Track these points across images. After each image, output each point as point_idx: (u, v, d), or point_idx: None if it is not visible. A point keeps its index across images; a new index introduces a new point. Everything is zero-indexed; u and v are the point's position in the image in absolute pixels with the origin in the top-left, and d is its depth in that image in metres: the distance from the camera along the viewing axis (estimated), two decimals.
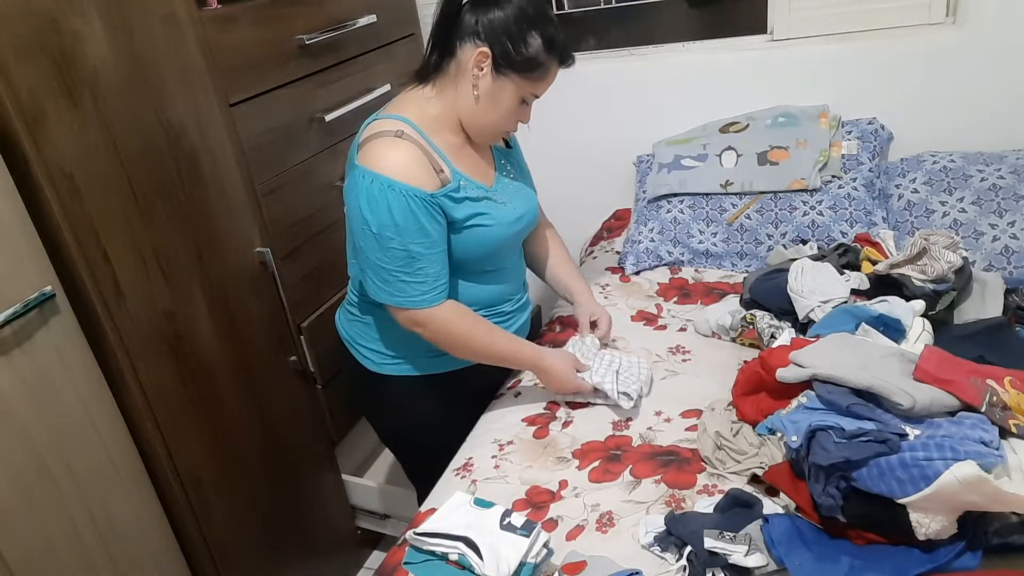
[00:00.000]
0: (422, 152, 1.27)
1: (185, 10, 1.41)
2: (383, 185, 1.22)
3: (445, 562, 1.10)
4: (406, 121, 1.29)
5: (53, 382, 1.23)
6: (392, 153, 1.24)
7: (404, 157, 1.24)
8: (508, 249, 1.44)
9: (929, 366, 1.10)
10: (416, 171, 1.24)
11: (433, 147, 1.30)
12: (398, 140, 1.25)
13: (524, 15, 1.24)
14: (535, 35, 1.25)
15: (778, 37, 2.09)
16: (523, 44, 1.24)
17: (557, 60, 1.30)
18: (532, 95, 1.33)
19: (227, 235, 1.56)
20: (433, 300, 1.29)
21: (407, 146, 1.25)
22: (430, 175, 1.26)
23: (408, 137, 1.26)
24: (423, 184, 1.24)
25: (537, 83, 1.30)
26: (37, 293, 1.18)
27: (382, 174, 1.22)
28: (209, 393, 1.54)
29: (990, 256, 1.64)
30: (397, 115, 1.30)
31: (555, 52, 1.28)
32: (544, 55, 1.27)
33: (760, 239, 1.91)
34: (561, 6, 2.31)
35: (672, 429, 1.34)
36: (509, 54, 1.24)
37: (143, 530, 1.42)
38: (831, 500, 0.99)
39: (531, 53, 1.25)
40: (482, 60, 1.25)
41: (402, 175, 1.22)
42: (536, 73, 1.28)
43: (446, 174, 1.29)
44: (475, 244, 1.34)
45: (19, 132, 1.15)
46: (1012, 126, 1.90)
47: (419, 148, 1.27)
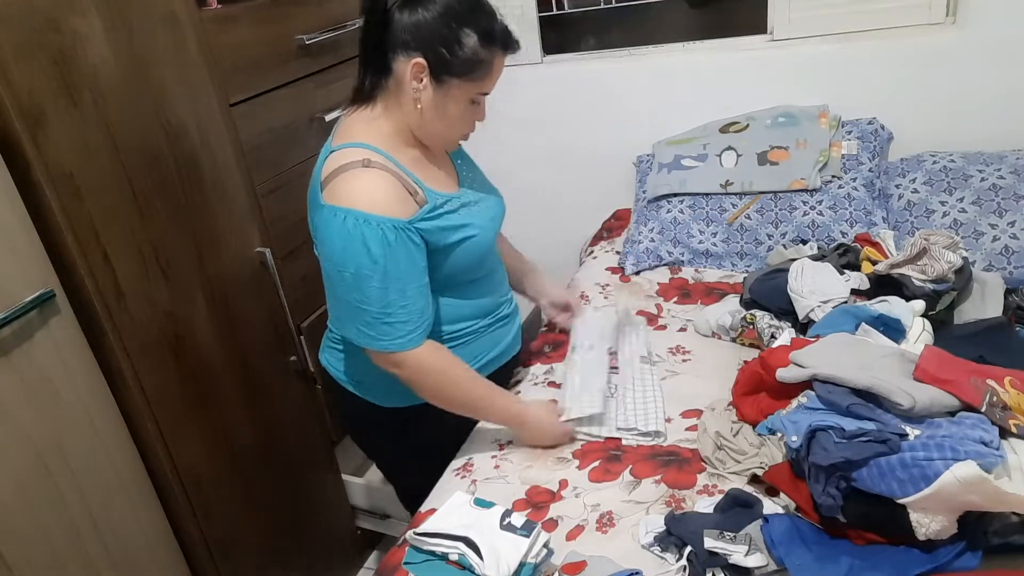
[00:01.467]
0: (393, 178, 1.19)
1: (185, 10, 1.41)
2: (357, 220, 1.13)
3: (445, 562, 1.10)
4: (368, 147, 1.20)
5: (53, 382, 1.23)
6: (362, 184, 1.16)
7: (375, 186, 1.16)
8: (493, 251, 1.40)
9: (929, 366, 1.10)
10: (390, 200, 1.16)
11: (401, 168, 1.21)
12: (366, 170, 1.17)
13: (451, 13, 1.14)
14: (468, 32, 1.15)
15: (778, 37, 2.09)
16: (458, 45, 1.15)
17: (499, 51, 1.19)
18: (480, 93, 1.23)
19: (227, 235, 1.56)
20: (416, 341, 1.21)
21: (377, 174, 1.17)
22: (405, 201, 1.19)
23: (376, 164, 1.18)
24: (399, 212, 1.17)
25: (482, 81, 1.20)
26: (37, 293, 1.18)
27: (354, 208, 1.14)
28: (209, 393, 1.54)
29: (990, 256, 1.64)
30: (356, 143, 1.21)
31: (494, 44, 1.18)
32: (483, 51, 1.16)
33: (760, 239, 1.91)
34: (561, 6, 2.31)
35: (672, 429, 1.34)
36: (445, 59, 1.15)
37: (143, 530, 1.42)
38: (831, 500, 0.99)
39: (468, 53, 1.16)
40: (419, 72, 1.16)
41: (376, 206, 1.14)
42: (479, 72, 1.18)
43: (420, 195, 1.21)
44: (465, 256, 1.28)
45: (19, 132, 1.15)
46: (1012, 126, 1.90)
47: (389, 174, 1.18)
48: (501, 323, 1.45)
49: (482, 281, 1.38)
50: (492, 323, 1.42)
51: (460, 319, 1.36)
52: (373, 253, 1.14)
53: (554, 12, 2.31)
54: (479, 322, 1.39)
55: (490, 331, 1.42)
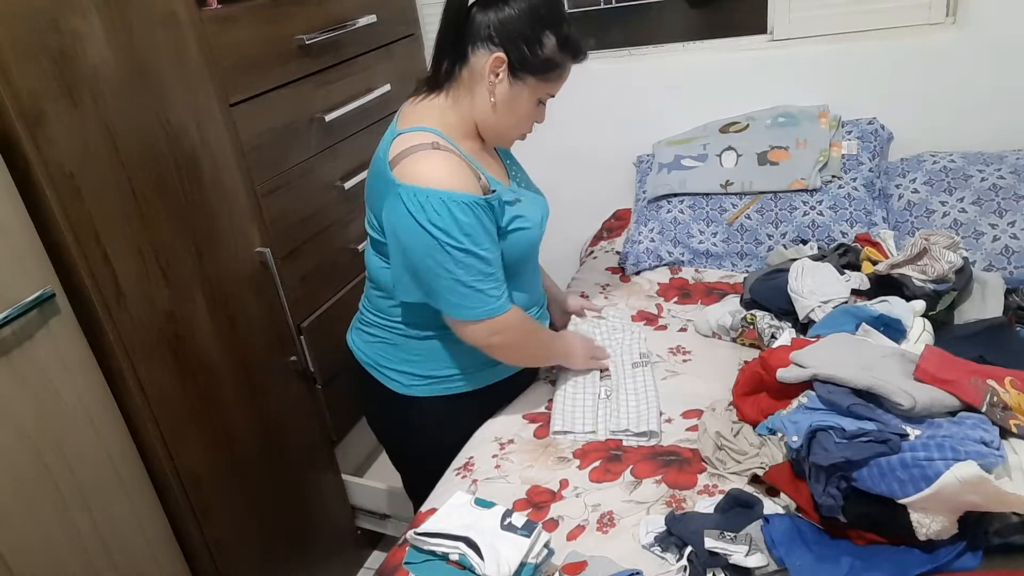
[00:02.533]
0: (464, 164, 1.23)
1: (185, 10, 1.41)
2: (441, 198, 1.17)
3: (445, 562, 1.10)
4: (434, 131, 1.25)
5: (53, 382, 1.23)
6: (436, 164, 1.20)
7: (450, 167, 1.20)
8: (536, 252, 1.44)
9: (929, 366, 1.10)
10: (466, 179, 1.21)
11: (464, 155, 1.26)
12: (436, 151, 1.21)
13: (537, 15, 1.20)
14: (549, 35, 1.21)
15: (778, 37, 2.09)
16: (539, 46, 1.21)
17: (571, 57, 1.26)
18: (548, 95, 1.30)
19: (227, 235, 1.56)
20: (508, 304, 1.28)
21: (447, 156, 1.21)
22: (474, 184, 1.23)
23: (444, 147, 1.23)
24: (475, 190, 1.21)
25: (553, 83, 1.28)
26: (37, 293, 1.18)
27: (435, 188, 1.17)
28: (209, 393, 1.54)
29: (990, 256, 1.64)
30: (422, 127, 1.26)
31: (569, 50, 1.25)
32: (559, 55, 1.23)
33: (760, 239, 1.91)
34: None
35: (673, 429, 1.34)
36: (526, 58, 1.21)
37: (143, 530, 1.42)
38: (831, 500, 0.99)
39: (547, 54, 1.22)
40: (498, 66, 1.22)
41: (455, 184, 1.18)
42: (553, 74, 1.25)
43: (484, 181, 1.26)
44: (518, 248, 1.32)
45: (19, 132, 1.14)
46: (1012, 126, 1.90)
47: (460, 160, 1.23)
48: None
49: (522, 278, 1.40)
50: None
51: None
52: (463, 227, 1.18)
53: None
54: None
55: None
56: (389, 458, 1.64)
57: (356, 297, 1.53)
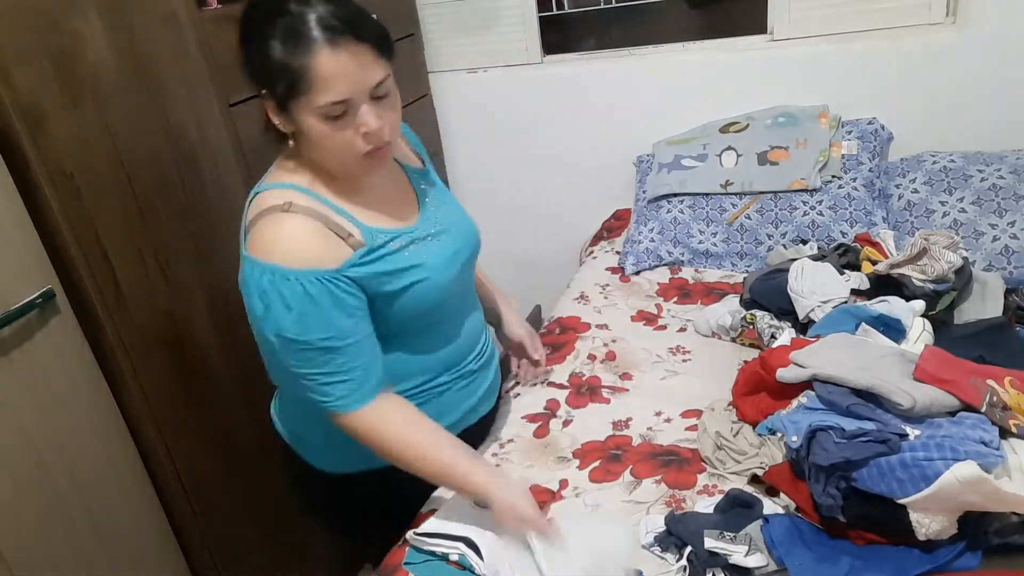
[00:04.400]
0: (318, 221, 1.03)
1: (185, 10, 1.41)
2: (274, 276, 0.99)
3: (445, 562, 1.10)
4: (293, 187, 1.05)
5: (53, 382, 1.23)
6: (279, 232, 1.01)
7: (294, 235, 1.01)
8: (455, 292, 1.19)
9: (929, 366, 1.10)
10: (311, 248, 1.01)
11: (332, 207, 1.06)
12: (286, 215, 1.02)
13: (250, 25, 0.98)
14: (272, 44, 0.95)
15: (778, 37, 2.09)
16: (269, 63, 0.96)
17: (318, 46, 0.93)
18: (331, 105, 0.97)
19: (227, 235, 1.55)
20: (360, 400, 1.05)
21: (297, 219, 1.02)
22: (332, 246, 1.03)
23: (298, 207, 1.03)
24: (323, 261, 1.01)
25: (314, 93, 0.96)
26: (37, 293, 1.18)
27: (271, 263, 0.99)
28: (209, 393, 1.54)
29: (990, 256, 1.64)
30: (280, 183, 1.06)
31: (305, 43, 0.93)
32: (294, 57, 0.94)
33: (760, 239, 1.91)
34: (561, 6, 2.30)
35: (672, 429, 1.34)
36: (271, 86, 0.98)
37: (143, 530, 1.42)
38: (831, 500, 0.99)
39: (280, 67, 0.95)
40: (270, 107, 1.02)
41: (294, 258, 1.00)
42: (301, 85, 0.95)
43: (356, 237, 1.05)
44: (413, 302, 1.11)
45: (19, 132, 1.15)
46: (1012, 126, 1.90)
47: (314, 216, 1.03)
48: (466, 379, 1.25)
49: (439, 329, 1.19)
50: (452, 380, 1.22)
51: (410, 375, 1.17)
52: (294, 312, 1.00)
53: (554, 12, 2.31)
54: (435, 379, 1.20)
55: (450, 390, 1.23)
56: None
57: None
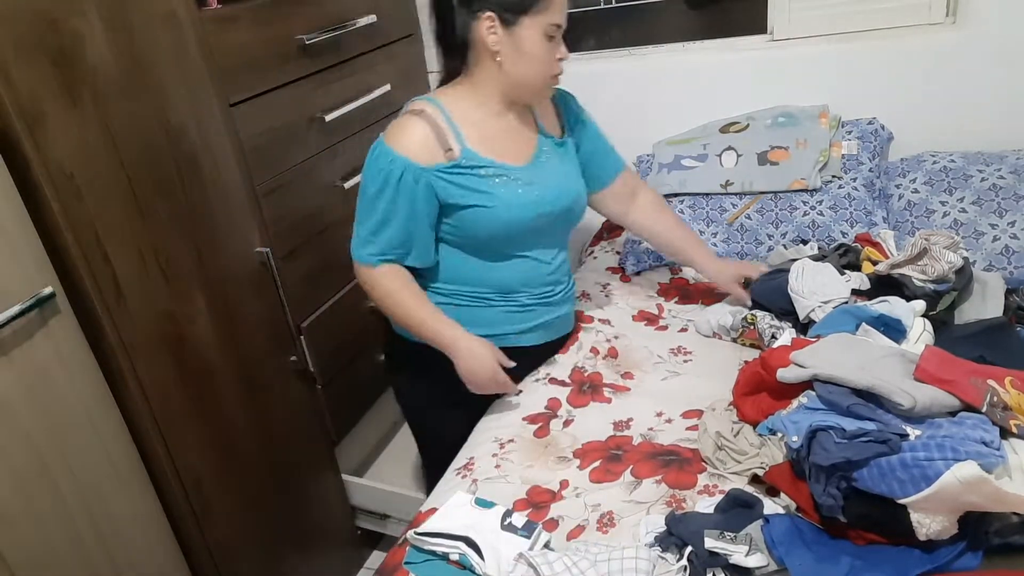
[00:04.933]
0: (431, 130, 1.32)
1: (185, 10, 1.41)
2: (382, 152, 1.31)
3: (446, 562, 1.10)
4: (432, 101, 1.35)
5: (53, 382, 1.23)
6: (401, 129, 1.33)
7: (409, 131, 1.32)
8: (533, 235, 1.42)
9: (930, 366, 1.10)
10: (416, 144, 1.31)
11: (452, 125, 1.33)
12: (412, 117, 1.33)
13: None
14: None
15: (778, 37, 2.09)
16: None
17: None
18: (553, 26, 1.30)
19: (227, 235, 1.56)
20: (372, 260, 1.37)
21: (417, 123, 1.32)
22: (431, 150, 1.31)
23: (425, 116, 1.33)
24: (420, 158, 1.30)
25: (549, 11, 1.28)
26: (37, 293, 1.18)
27: (385, 144, 1.32)
28: (209, 393, 1.54)
29: (990, 256, 1.64)
30: (428, 97, 1.37)
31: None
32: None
33: (760, 239, 1.91)
34: None
35: (673, 429, 1.34)
36: (507, 3, 1.26)
37: (143, 530, 1.42)
38: (832, 500, 0.99)
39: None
40: (490, 26, 1.28)
41: (401, 148, 1.30)
42: (540, 3, 1.27)
43: (454, 152, 1.33)
44: (474, 224, 1.36)
45: (19, 132, 1.14)
46: (1012, 126, 1.90)
47: (430, 126, 1.32)
48: (515, 307, 1.46)
49: (505, 263, 1.42)
50: (501, 302, 1.45)
51: (466, 281, 1.44)
52: (380, 179, 1.31)
53: None
54: (485, 293, 1.44)
55: (495, 307, 1.45)
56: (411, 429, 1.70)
57: (356, 297, 1.54)
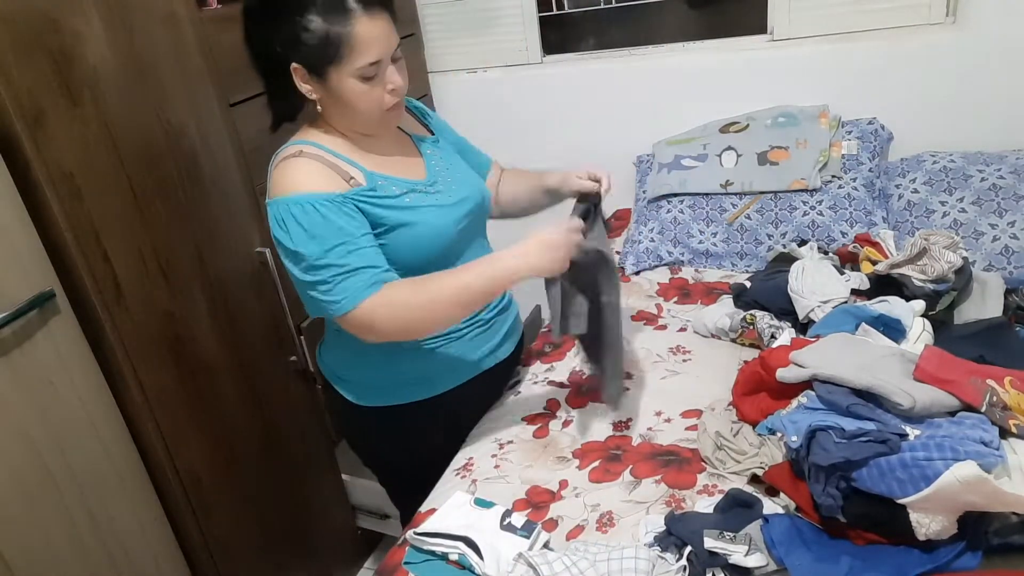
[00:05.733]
0: (324, 164, 1.19)
1: (185, 10, 1.41)
2: (287, 204, 1.13)
3: (445, 562, 1.10)
4: (305, 143, 1.22)
5: (53, 382, 1.23)
6: (290, 172, 1.17)
7: (303, 171, 1.17)
8: (459, 246, 1.31)
9: (929, 366, 1.10)
10: (318, 181, 1.16)
11: (339, 156, 1.21)
12: (294, 159, 1.18)
13: (288, 5, 1.12)
14: (311, 18, 1.11)
15: (778, 37, 2.09)
16: (308, 34, 1.11)
17: (356, 16, 1.11)
18: (368, 67, 1.14)
19: (227, 235, 1.56)
20: (373, 289, 1.14)
21: (304, 161, 1.18)
22: (336, 182, 1.18)
23: (307, 153, 1.19)
24: (329, 188, 1.16)
25: (354, 56, 1.13)
26: (37, 293, 1.18)
27: (284, 195, 1.14)
28: (209, 393, 1.54)
29: (990, 256, 1.64)
30: (294, 142, 1.24)
31: (345, 14, 1.11)
32: (334, 27, 1.11)
33: (760, 239, 1.91)
34: (561, 6, 2.31)
35: (672, 429, 1.34)
36: (309, 55, 1.13)
37: (143, 530, 1.42)
38: (831, 500, 0.99)
39: (320, 37, 1.11)
40: (302, 76, 1.16)
41: (303, 187, 1.15)
42: (343, 51, 1.12)
43: (357, 179, 1.20)
44: (409, 249, 1.22)
45: (19, 132, 1.15)
46: (1012, 126, 1.90)
47: (320, 161, 1.19)
48: (482, 326, 1.37)
49: None
50: (468, 327, 1.35)
51: None
52: (307, 229, 1.13)
53: (554, 12, 2.31)
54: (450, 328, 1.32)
55: (467, 336, 1.35)
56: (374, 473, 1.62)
57: None
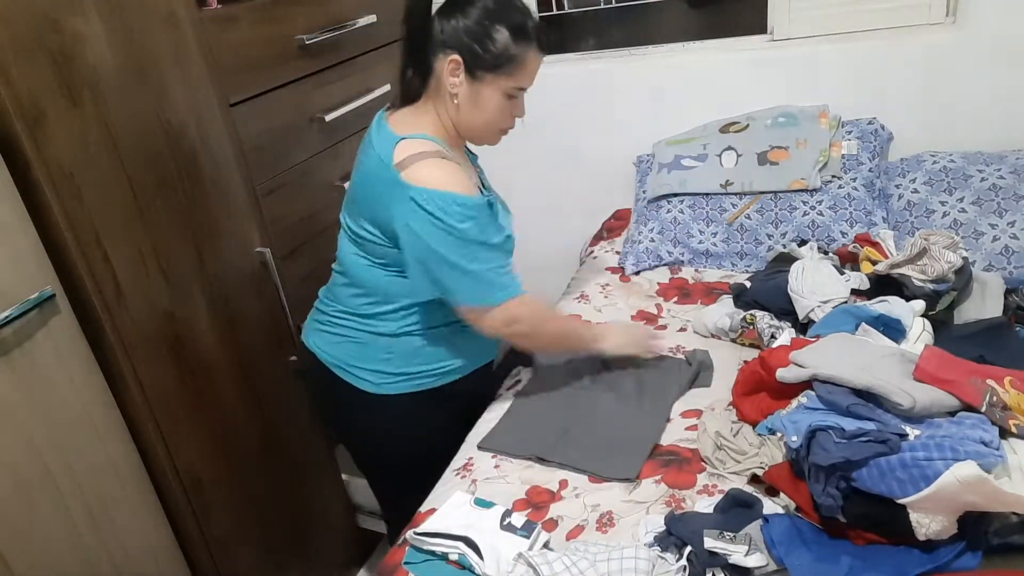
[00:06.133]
0: (461, 167, 1.30)
1: (185, 10, 1.41)
2: (455, 200, 1.22)
3: (445, 562, 1.10)
4: (434, 140, 1.30)
5: (53, 382, 1.23)
6: (447, 171, 1.25)
7: (457, 173, 1.26)
8: None
9: (929, 366, 1.10)
10: (470, 185, 1.28)
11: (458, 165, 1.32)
12: (444, 161, 1.26)
13: (486, 11, 1.23)
14: (500, 28, 1.23)
15: (778, 37, 2.09)
16: (489, 41, 1.23)
17: (534, 48, 1.27)
18: (516, 89, 1.29)
19: (227, 235, 1.56)
20: (520, 289, 1.32)
21: (454, 166, 1.27)
22: (474, 187, 1.30)
23: (445, 156, 1.28)
24: (476, 194, 1.28)
25: (516, 76, 1.27)
26: (37, 293, 1.18)
27: (447, 191, 1.22)
28: (209, 393, 1.54)
29: (990, 256, 1.64)
30: (423, 135, 1.29)
31: (527, 41, 1.25)
32: (515, 46, 1.24)
33: (760, 239, 1.91)
34: (561, 6, 2.31)
35: (672, 429, 1.34)
36: (478, 55, 1.23)
37: (143, 530, 1.42)
38: (831, 500, 0.99)
39: (499, 49, 1.23)
40: (454, 68, 1.25)
41: (464, 190, 1.25)
42: (510, 67, 1.26)
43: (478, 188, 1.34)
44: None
45: (19, 132, 1.15)
46: (1012, 126, 1.89)
47: (457, 164, 1.29)
48: None
49: None
50: None
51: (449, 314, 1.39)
52: (477, 223, 1.24)
53: (554, 12, 2.31)
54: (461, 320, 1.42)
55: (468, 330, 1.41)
56: (354, 461, 1.64)
57: None
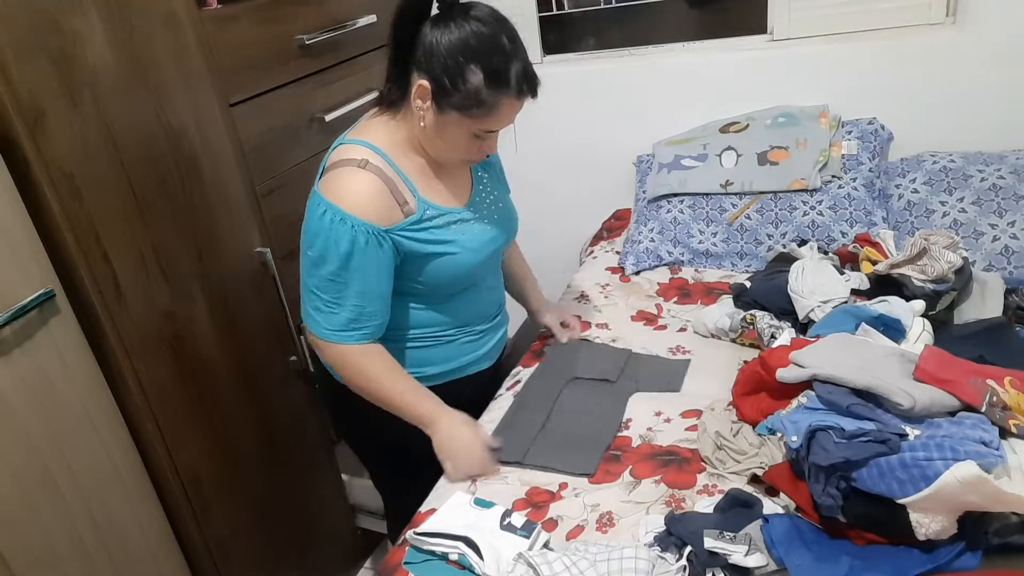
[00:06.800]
0: (384, 184, 1.22)
1: (185, 10, 1.41)
2: (335, 216, 1.18)
3: (445, 562, 1.10)
4: (372, 147, 1.24)
5: (53, 382, 1.23)
6: (352, 184, 1.20)
7: (363, 189, 1.20)
8: (482, 270, 1.39)
9: (929, 366, 1.10)
10: (373, 204, 1.20)
11: (400, 174, 1.25)
12: (360, 170, 1.21)
13: (465, 46, 1.14)
14: (475, 70, 1.14)
15: (778, 37, 2.09)
16: (461, 80, 1.15)
17: (510, 95, 1.17)
18: (483, 131, 1.22)
19: (227, 235, 1.56)
20: (349, 338, 1.25)
21: (369, 178, 1.21)
22: (388, 208, 1.22)
23: (372, 167, 1.21)
24: (378, 219, 1.20)
25: (484, 121, 1.19)
26: (37, 293, 1.18)
27: (337, 205, 1.18)
28: (209, 393, 1.54)
29: (990, 256, 1.64)
30: (362, 140, 1.25)
31: (502, 87, 1.16)
32: (486, 91, 1.15)
33: (760, 239, 1.91)
34: (561, 6, 2.31)
35: (672, 429, 1.34)
36: (446, 89, 1.16)
37: (143, 530, 1.42)
38: (831, 500, 0.99)
39: (469, 90, 1.15)
40: (422, 93, 1.18)
41: (356, 208, 1.18)
42: (478, 111, 1.17)
43: (410, 205, 1.25)
44: (441, 272, 1.30)
45: (19, 132, 1.15)
46: (1012, 126, 1.89)
47: (382, 179, 1.22)
48: (473, 336, 1.44)
49: (460, 297, 1.38)
50: (460, 335, 1.42)
51: (422, 324, 1.37)
52: (340, 249, 1.19)
53: (554, 12, 2.31)
54: (444, 331, 1.39)
55: (456, 341, 1.42)
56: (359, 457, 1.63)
57: None
